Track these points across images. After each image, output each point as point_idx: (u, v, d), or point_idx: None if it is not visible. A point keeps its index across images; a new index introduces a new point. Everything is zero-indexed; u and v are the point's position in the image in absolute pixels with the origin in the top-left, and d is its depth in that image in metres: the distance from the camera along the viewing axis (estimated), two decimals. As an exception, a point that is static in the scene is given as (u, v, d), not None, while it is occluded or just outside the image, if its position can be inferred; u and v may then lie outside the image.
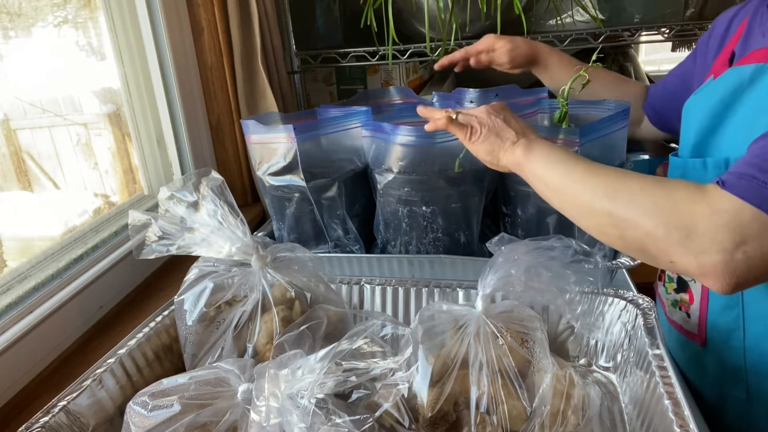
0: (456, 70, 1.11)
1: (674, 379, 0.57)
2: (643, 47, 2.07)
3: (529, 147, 0.69)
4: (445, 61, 1.09)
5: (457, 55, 1.08)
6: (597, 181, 0.62)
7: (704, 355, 0.78)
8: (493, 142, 0.72)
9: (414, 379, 0.57)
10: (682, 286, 0.80)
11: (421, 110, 0.79)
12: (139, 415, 0.54)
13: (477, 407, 0.56)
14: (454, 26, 1.23)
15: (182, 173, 1.19)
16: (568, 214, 0.66)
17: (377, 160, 0.89)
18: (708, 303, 0.76)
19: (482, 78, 1.93)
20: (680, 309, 0.81)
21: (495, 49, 1.05)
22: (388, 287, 0.80)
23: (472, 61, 1.08)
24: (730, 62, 0.73)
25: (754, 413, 0.74)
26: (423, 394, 0.57)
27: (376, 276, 0.84)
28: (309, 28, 1.46)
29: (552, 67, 1.04)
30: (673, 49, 1.51)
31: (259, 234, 1.00)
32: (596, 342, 0.74)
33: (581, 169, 0.64)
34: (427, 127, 0.77)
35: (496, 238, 0.63)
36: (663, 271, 0.85)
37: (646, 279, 0.93)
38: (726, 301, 0.73)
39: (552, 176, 0.66)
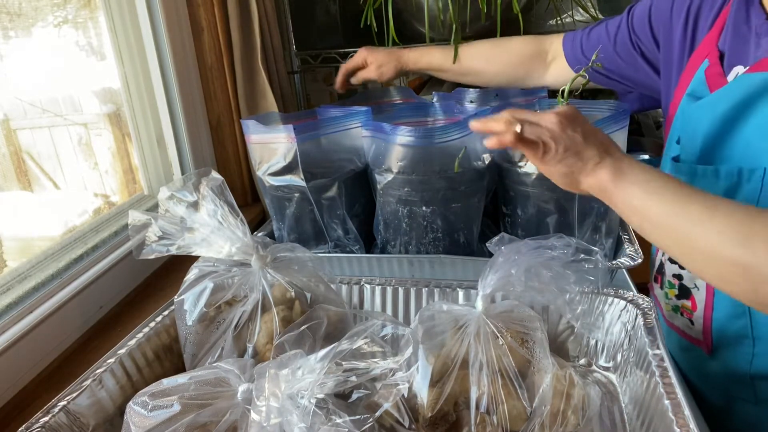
0: (338, 89, 1.19)
1: (674, 379, 0.57)
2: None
3: (618, 170, 0.59)
4: (338, 82, 1.19)
5: (339, 75, 1.17)
6: (722, 220, 0.52)
7: (709, 361, 0.77)
8: (571, 163, 0.61)
9: (414, 379, 0.57)
10: (684, 293, 0.78)
11: (475, 125, 0.66)
12: (139, 415, 0.54)
13: (477, 407, 0.56)
14: (454, 26, 1.23)
15: (182, 173, 1.19)
16: (676, 255, 0.57)
17: (377, 160, 0.89)
18: (713, 311, 0.74)
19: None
20: (682, 315, 0.80)
21: (366, 65, 1.13)
22: (388, 287, 0.80)
23: (352, 79, 1.16)
24: (721, 61, 0.72)
25: (762, 415, 0.73)
26: (423, 394, 0.57)
27: (376, 276, 0.84)
28: (309, 28, 1.46)
29: (423, 65, 1.11)
30: (673, 49, 1.51)
31: (259, 234, 1.00)
32: (596, 342, 0.74)
33: (697, 203, 0.54)
34: (489, 144, 0.63)
35: (496, 238, 0.63)
36: (660, 274, 0.84)
37: (646, 279, 0.93)
38: (733, 310, 0.71)
39: (656, 211, 0.56)
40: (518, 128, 0.61)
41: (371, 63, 1.12)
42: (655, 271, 0.86)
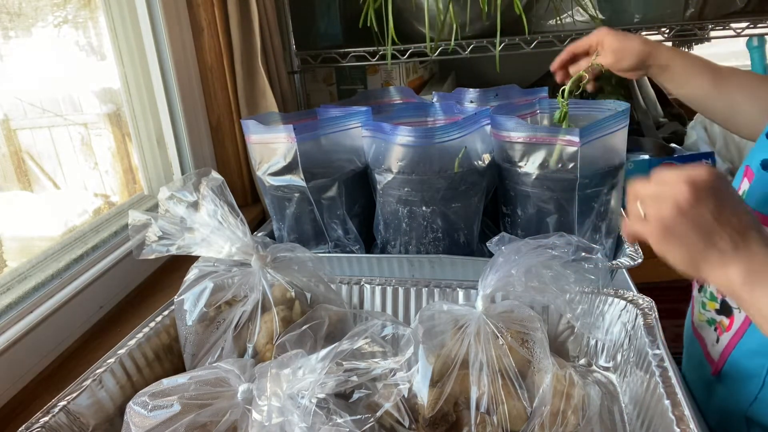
0: (554, 70, 0.98)
1: (674, 380, 0.57)
2: (643, 47, 2.07)
3: (751, 272, 0.50)
4: (556, 63, 0.98)
5: (560, 58, 0.96)
6: None
7: (713, 384, 0.76)
8: (692, 246, 0.52)
9: (414, 379, 0.57)
10: (726, 310, 0.73)
11: (629, 237, 0.57)
12: (139, 415, 0.54)
13: (477, 407, 0.56)
14: (454, 26, 1.23)
15: (182, 173, 1.19)
16: None
17: (377, 160, 0.89)
18: (740, 338, 0.70)
19: (482, 78, 1.94)
20: (715, 330, 0.75)
21: (600, 50, 0.92)
22: (388, 287, 0.80)
23: (571, 69, 0.96)
24: None
25: None
26: (423, 394, 0.57)
27: (376, 276, 0.84)
28: (309, 28, 1.46)
29: (674, 71, 0.89)
30: (673, 49, 1.51)
31: (259, 234, 1.00)
32: (596, 342, 0.74)
33: None
34: (629, 239, 0.59)
35: (496, 237, 0.63)
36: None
37: (646, 279, 0.93)
38: (759, 347, 0.68)
39: None
40: (642, 213, 0.54)
41: (608, 47, 0.90)
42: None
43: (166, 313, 0.76)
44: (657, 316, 0.68)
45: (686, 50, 0.95)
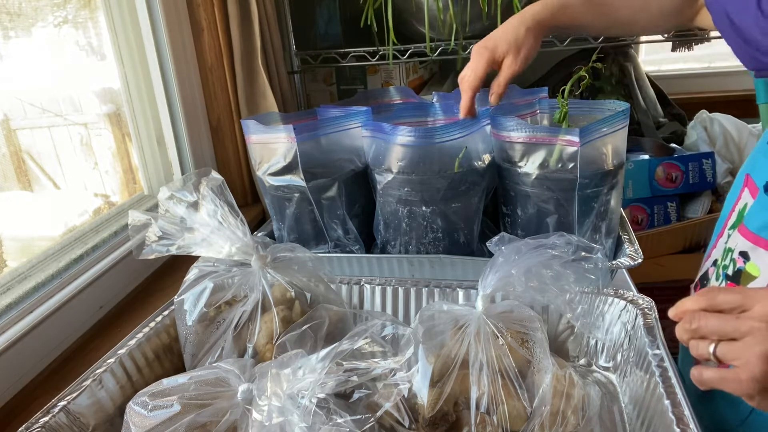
0: (466, 116, 0.88)
1: (674, 380, 0.57)
2: (643, 47, 2.07)
3: None
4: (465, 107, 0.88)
5: (466, 100, 0.88)
6: None
7: (707, 400, 0.75)
8: None
9: (414, 379, 0.57)
10: None
11: (681, 329, 0.52)
12: (139, 415, 0.54)
13: (477, 407, 0.56)
14: (454, 26, 1.23)
15: (182, 173, 1.19)
16: None
17: (377, 160, 0.89)
18: None
19: (482, 78, 1.93)
20: None
21: (500, 62, 0.86)
22: (388, 287, 0.80)
23: (491, 98, 0.88)
24: None
25: None
26: (423, 394, 0.57)
27: (376, 276, 0.84)
28: (309, 28, 1.46)
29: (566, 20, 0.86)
30: (673, 49, 1.51)
31: (259, 234, 1.00)
32: (596, 342, 0.74)
33: None
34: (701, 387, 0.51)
35: (496, 237, 0.63)
36: (702, 286, 0.79)
37: (646, 279, 0.93)
38: None
39: None
40: (711, 348, 0.49)
41: (505, 54, 0.84)
42: (698, 277, 0.82)
43: (166, 313, 0.76)
44: (657, 316, 0.68)
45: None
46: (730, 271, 0.74)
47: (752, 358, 0.46)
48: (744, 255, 0.71)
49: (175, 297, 0.72)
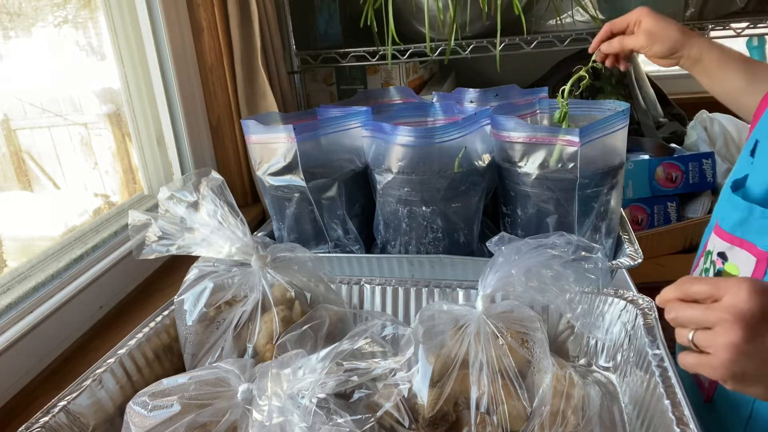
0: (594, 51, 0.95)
1: (674, 380, 0.57)
2: (643, 47, 2.07)
3: None
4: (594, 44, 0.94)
5: (600, 37, 0.93)
6: None
7: (705, 410, 0.75)
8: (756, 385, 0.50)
9: (414, 379, 0.57)
10: None
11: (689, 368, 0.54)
12: (139, 415, 0.54)
13: (477, 407, 0.56)
14: (454, 26, 1.23)
15: (182, 173, 1.19)
16: None
17: (377, 160, 0.89)
18: None
19: (482, 78, 1.94)
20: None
21: (639, 26, 0.89)
22: (388, 287, 0.80)
23: (603, 47, 0.93)
24: None
25: None
26: (423, 394, 0.57)
27: (376, 276, 0.84)
28: (309, 28, 1.46)
29: (708, 64, 0.86)
30: (673, 49, 1.51)
31: (259, 234, 1.00)
32: (596, 342, 0.74)
33: None
34: (689, 370, 0.54)
35: (496, 237, 0.63)
36: None
37: (646, 279, 0.93)
38: None
39: None
40: (690, 336, 0.52)
41: (643, 28, 0.88)
42: None
43: (166, 313, 0.76)
44: (657, 316, 0.68)
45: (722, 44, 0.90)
46: (711, 274, 0.74)
47: (719, 347, 0.50)
48: (722, 256, 0.72)
49: (175, 297, 0.72)
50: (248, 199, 1.33)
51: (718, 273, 0.72)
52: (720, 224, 0.72)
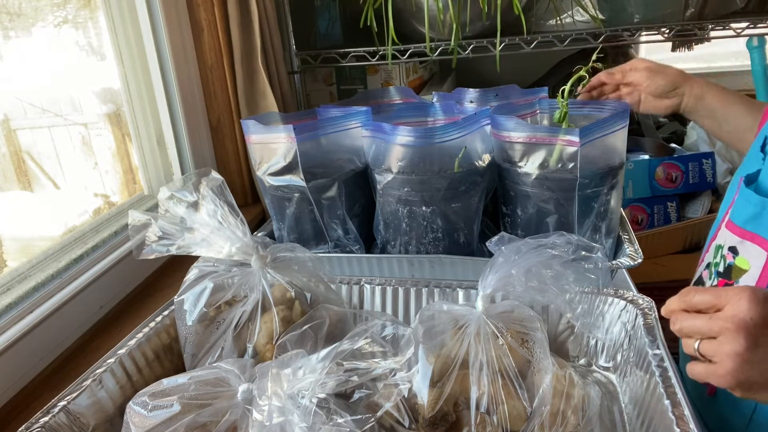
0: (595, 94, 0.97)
1: (674, 380, 0.57)
2: (643, 47, 2.07)
3: None
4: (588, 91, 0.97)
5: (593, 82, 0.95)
6: None
7: (709, 403, 0.76)
8: (751, 385, 0.51)
9: (414, 379, 0.57)
10: None
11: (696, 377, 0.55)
12: (139, 415, 0.54)
13: (477, 407, 0.56)
14: (454, 26, 1.23)
15: (182, 173, 1.19)
16: None
17: (377, 160, 0.89)
18: None
19: (482, 78, 1.94)
20: None
21: (636, 68, 0.92)
22: (388, 287, 0.80)
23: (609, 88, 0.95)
24: None
25: None
26: (423, 394, 0.57)
27: (376, 276, 0.84)
28: (309, 28, 1.46)
29: (711, 104, 0.88)
30: (673, 49, 1.51)
31: (259, 234, 1.00)
32: (596, 342, 0.74)
33: None
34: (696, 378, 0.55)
35: (496, 237, 0.63)
36: None
37: (646, 279, 0.93)
38: None
39: None
40: (696, 345, 0.54)
41: (642, 66, 0.91)
42: (693, 282, 0.83)
43: (166, 313, 0.76)
44: (657, 316, 0.68)
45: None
46: (721, 268, 0.74)
47: (724, 356, 0.51)
48: (733, 250, 0.72)
49: (175, 297, 0.72)
50: (248, 199, 1.33)
51: (729, 267, 0.73)
52: (731, 218, 0.73)
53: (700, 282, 0.81)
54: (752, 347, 0.50)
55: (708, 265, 0.79)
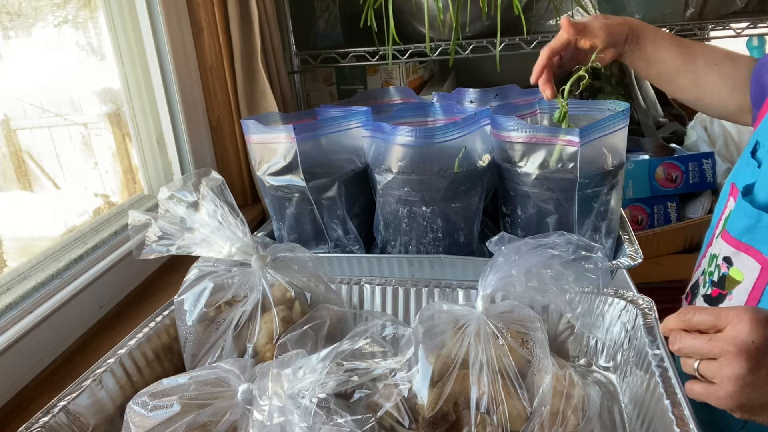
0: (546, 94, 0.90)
1: (674, 380, 0.57)
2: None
3: None
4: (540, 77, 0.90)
5: (541, 67, 0.88)
6: None
7: (707, 406, 0.76)
8: (751, 407, 0.51)
9: (414, 379, 0.57)
10: None
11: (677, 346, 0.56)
12: (139, 415, 0.54)
13: (477, 407, 0.56)
14: (454, 26, 1.23)
15: (182, 173, 1.19)
16: None
17: (377, 160, 0.89)
18: None
19: (482, 78, 1.94)
20: None
21: (586, 29, 0.85)
22: (388, 287, 0.80)
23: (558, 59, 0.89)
24: None
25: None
26: (423, 394, 0.57)
27: (376, 276, 0.84)
28: (309, 28, 1.46)
29: (644, 45, 0.85)
30: (673, 49, 1.51)
31: (259, 234, 1.00)
32: (596, 342, 0.74)
33: None
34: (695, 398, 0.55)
35: (496, 237, 0.63)
36: (693, 294, 0.79)
37: (646, 279, 0.93)
38: None
39: None
40: (695, 366, 0.54)
41: (596, 27, 0.85)
42: (689, 288, 0.83)
43: (166, 313, 0.76)
44: (657, 316, 0.68)
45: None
46: (715, 277, 0.74)
47: (725, 379, 0.51)
48: (727, 260, 0.72)
49: (175, 297, 0.72)
50: (248, 199, 1.33)
51: (723, 277, 0.73)
52: (727, 229, 0.72)
53: (695, 286, 0.81)
54: (753, 370, 0.49)
55: (704, 272, 0.79)
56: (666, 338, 0.69)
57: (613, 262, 0.83)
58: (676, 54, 0.87)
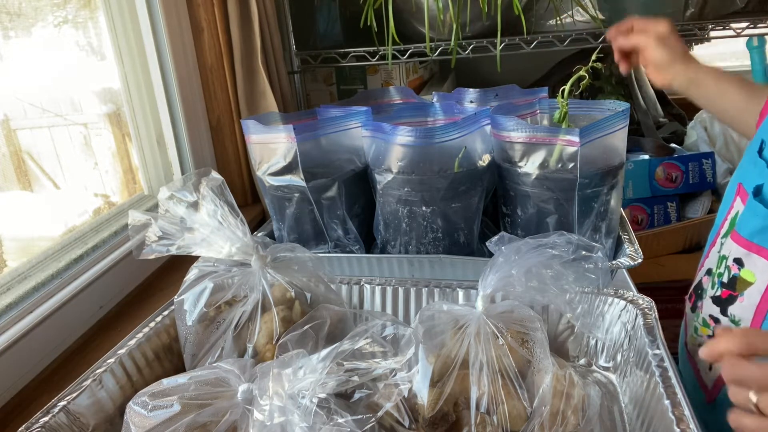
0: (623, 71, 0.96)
1: (674, 380, 0.57)
2: (642, 47, 2.07)
3: None
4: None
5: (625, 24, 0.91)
6: None
7: (708, 412, 0.75)
8: None
9: (414, 379, 0.57)
10: None
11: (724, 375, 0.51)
12: (139, 415, 0.54)
13: (477, 407, 0.56)
14: (454, 26, 1.23)
15: (182, 173, 1.19)
16: None
17: (377, 160, 0.89)
18: None
19: (482, 78, 1.94)
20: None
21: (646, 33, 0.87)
22: (388, 287, 0.80)
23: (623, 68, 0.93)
24: None
25: None
26: (423, 394, 0.57)
27: (376, 276, 0.84)
28: (309, 28, 1.46)
29: (705, 84, 0.86)
30: (673, 49, 1.51)
31: (259, 234, 1.00)
32: (596, 342, 0.74)
33: None
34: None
35: (496, 237, 0.63)
36: (696, 294, 0.79)
37: (646, 279, 0.93)
38: None
39: None
40: (753, 399, 0.48)
41: (657, 33, 0.87)
42: (693, 287, 0.83)
43: (166, 313, 0.76)
44: (657, 316, 0.68)
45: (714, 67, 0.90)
46: (725, 279, 0.74)
47: None
48: (738, 262, 0.71)
49: (175, 297, 0.72)
50: (248, 199, 1.33)
51: (733, 279, 0.72)
52: (737, 230, 0.72)
53: (699, 287, 0.81)
54: None
55: (709, 272, 0.78)
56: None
57: (613, 262, 0.83)
58: (740, 92, 0.86)
